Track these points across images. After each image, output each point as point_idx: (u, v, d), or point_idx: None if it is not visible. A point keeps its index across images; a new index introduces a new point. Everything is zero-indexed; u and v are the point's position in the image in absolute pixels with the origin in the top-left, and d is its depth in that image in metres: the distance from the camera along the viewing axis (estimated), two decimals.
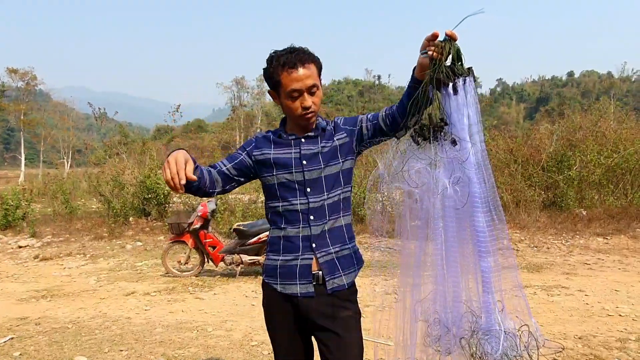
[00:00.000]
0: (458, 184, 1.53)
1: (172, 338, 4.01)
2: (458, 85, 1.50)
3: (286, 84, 1.67)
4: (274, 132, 1.86)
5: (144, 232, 9.66)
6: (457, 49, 1.50)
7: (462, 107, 1.51)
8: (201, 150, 27.97)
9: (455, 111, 1.52)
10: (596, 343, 3.68)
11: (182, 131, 56.69)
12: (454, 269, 1.58)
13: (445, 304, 1.60)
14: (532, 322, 1.50)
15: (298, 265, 1.74)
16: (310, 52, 1.71)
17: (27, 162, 41.16)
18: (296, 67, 1.65)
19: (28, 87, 41.13)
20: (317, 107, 1.72)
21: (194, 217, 6.26)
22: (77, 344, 3.90)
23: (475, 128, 1.52)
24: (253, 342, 3.88)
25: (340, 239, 1.78)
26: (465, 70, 1.51)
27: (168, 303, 5.13)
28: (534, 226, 8.60)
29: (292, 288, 1.75)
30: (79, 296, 5.52)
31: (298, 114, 1.70)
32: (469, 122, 1.52)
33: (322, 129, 1.80)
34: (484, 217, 1.50)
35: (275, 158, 1.77)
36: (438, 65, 1.49)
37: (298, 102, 1.68)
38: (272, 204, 1.81)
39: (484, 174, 1.51)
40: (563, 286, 5.37)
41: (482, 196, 1.50)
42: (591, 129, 10.95)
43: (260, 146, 1.81)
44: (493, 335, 1.44)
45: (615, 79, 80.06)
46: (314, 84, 1.68)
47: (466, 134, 1.50)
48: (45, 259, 7.93)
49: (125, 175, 11.18)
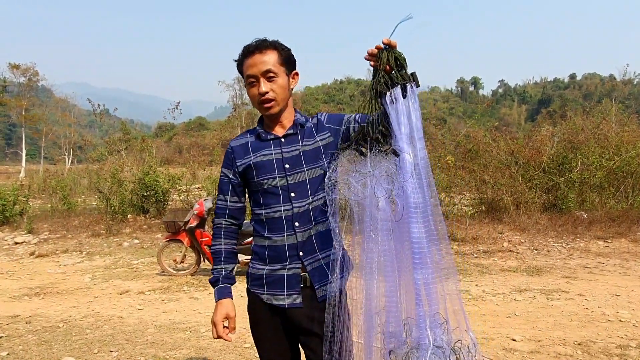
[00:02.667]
0: (392, 196, 1.46)
1: (164, 339, 3.95)
2: (394, 94, 1.46)
3: (244, 71, 1.66)
4: (251, 131, 1.80)
5: (141, 230, 9.60)
6: (396, 56, 1.46)
7: (400, 115, 1.46)
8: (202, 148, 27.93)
9: (394, 120, 1.47)
10: (596, 349, 3.60)
11: (183, 129, 56.75)
12: (390, 283, 1.48)
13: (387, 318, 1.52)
14: (469, 335, 1.44)
15: (285, 275, 1.68)
16: (274, 42, 1.67)
17: (28, 158, 41.11)
18: (253, 53, 1.64)
19: (30, 83, 41.07)
20: (277, 95, 1.66)
21: (190, 215, 6.20)
22: (66, 344, 3.84)
23: (417, 135, 1.47)
24: (246, 344, 3.81)
25: (328, 243, 1.70)
26: (408, 77, 1.47)
27: (162, 302, 5.07)
28: (534, 228, 8.53)
29: (279, 299, 1.70)
30: (73, 294, 5.46)
31: (257, 101, 1.67)
32: (409, 130, 1.47)
33: (300, 124, 1.74)
34: (420, 228, 1.42)
35: (255, 162, 1.71)
36: (377, 75, 1.48)
37: (255, 89, 1.65)
38: (255, 211, 1.76)
39: (423, 183, 1.45)
40: (563, 290, 5.29)
41: (418, 206, 1.43)
42: (593, 131, 10.88)
43: (239, 156, 1.75)
44: (422, 349, 1.37)
45: (617, 82, 79.82)
46: (269, 69, 1.63)
47: (404, 143, 1.45)
48: (41, 255, 7.87)
49: (124, 172, 11.13)
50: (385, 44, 1.45)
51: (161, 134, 53.39)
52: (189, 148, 27.64)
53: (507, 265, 6.59)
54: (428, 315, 1.41)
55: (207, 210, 6.24)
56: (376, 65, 1.47)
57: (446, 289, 1.47)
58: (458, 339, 1.42)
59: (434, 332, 1.40)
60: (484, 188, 10.05)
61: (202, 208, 6.18)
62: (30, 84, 41.26)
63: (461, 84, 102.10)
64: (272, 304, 1.71)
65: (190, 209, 6.48)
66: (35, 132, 44.63)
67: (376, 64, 1.47)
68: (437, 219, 1.47)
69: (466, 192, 10.56)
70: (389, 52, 1.46)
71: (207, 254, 6.18)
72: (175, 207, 10.40)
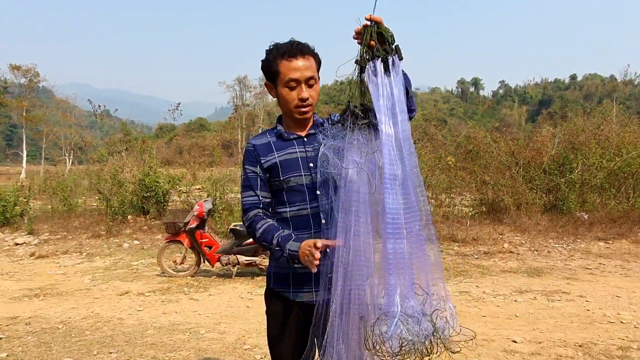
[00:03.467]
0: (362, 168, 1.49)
1: (163, 340, 3.94)
2: (374, 67, 1.47)
3: (284, 73, 1.64)
4: (270, 131, 1.81)
5: (141, 231, 9.59)
6: (381, 31, 1.47)
7: (381, 87, 1.46)
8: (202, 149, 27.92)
9: (374, 94, 1.47)
10: (597, 351, 3.59)
11: (184, 129, 56.78)
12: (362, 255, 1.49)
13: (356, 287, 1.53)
14: (448, 306, 1.44)
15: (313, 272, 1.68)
16: (310, 46, 1.69)
17: (29, 159, 41.14)
18: (296, 57, 1.64)
19: (31, 84, 41.10)
20: (314, 100, 1.69)
21: (190, 216, 6.19)
22: (65, 345, 3.83)
23: (399, 107, 1.47)
24: (246, 345, 3.81)
25: None
26: (391, 49, 1.48)
27: (162, 304, 5.06)
28: (534, 229, 8.51)
29: (306, 296, 1.70)
30: (72, 295, 5.45)
31: (294, 105, 1.67)
32: (392, 101, 1.47)
33: (320, 124, 1.77)
34: (397, 199, 1.42)
35: (281, 161, 1.72)
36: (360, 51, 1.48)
37: (295, 92, 1.66)
38: (278, 210, 1.76)
39: (404, 155, 1.45)
40: (564, 291, 5.28)
41: (397, 178, 1.43)
42: (593, 132, 10.85)
43: (263, 154, 1.75)
44: (390, 316, 1.36)
45: (618, 83, 79.67)
46: (312, 75, 1.65)
47: (382, 115, 1.45)
48: (42, 256, 7.86)
49: (124, 173, 11.11)
50: (368, 20, 1.47)
51: (162, 135, 53.36)
52: (189, 149, 27.65)
53: (507, 266, 6.57)
54: (399, 284, 1.40)
55: (207, 211, 6.23)
56: (360, 42, 1.49)
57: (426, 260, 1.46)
58: (436, 308, 1.41)
59: (406, 301, 1.39)
60: (485, 189, 10.03)
61: (202, 209, 6.17)
62: (31, 85, 41.29)
63: (462, 85, 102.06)
64: (299, 302, 1.72)
65: (191, 210, 6.48)
66: (36, 133, 44.65)
67: (360, 40, 1.49)
68: (418, 191, 1.47)
69: (467, 193, 10.55)
70: (373, 27, 1.46)
71: (207, 255, 6.17)
72: (175, 208, 10.39)
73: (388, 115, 1.45)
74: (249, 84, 56.05)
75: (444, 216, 9.45)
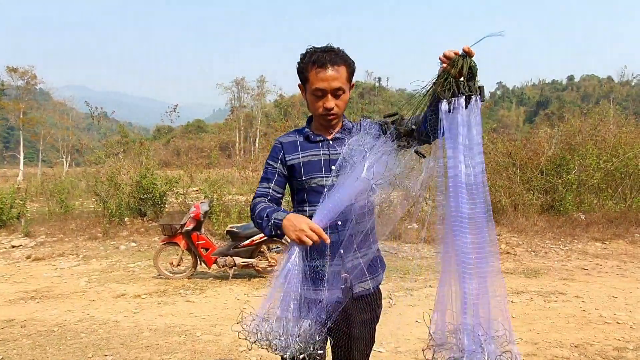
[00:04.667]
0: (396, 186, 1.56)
1: (159, 343, 3.92)
2: (456, 103, 1.42)
3: (312, 82, 1.68)
4: (299, 131, 1.85)
5: (138, 233, 9.57)
6: (471, 65, 1.43)
7: (460, 126, 1.42)
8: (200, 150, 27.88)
9: (449, 129, 1.44)
10: (593, 352, 3.59)
11: (182, 131, 56.70)
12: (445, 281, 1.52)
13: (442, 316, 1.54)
14: (514, 348, 1.41)
15: (327, 271, 1.69)
16: (344, 55, 1.71)
17: (26, 161, 41.06)
18: (325, 67, 1.65)
19: (28, 86, 41.02)
20: (340, 109, 1.73)
21: (186, 218, 6.18)
22: (60, 348, 3.81)
23: (477, 149, 1.43)
24: (242, 347, 3.79)
25: (366, 242, 1.77)
26: (476, 89, 1.44)
27: (158, 306, 5.04)
28: (532, 230, 8.52)
29: (319, 294, 1.70)
30: (68, 298, 5.43)
31: (319, 113, 1.72)
32: (469, 142, 1.43)
33: (348, 130, 1.80)
34: (471, 239, 1.43)
35: (304, 161, 1.77)
36: (444, 79, 1.44)
37: (321, 102, 1.69)
38: (299, 208, 1.80)
39: (480, 196, 1.43)
40: (560, 292, 5.28)
41: (470, 217, 1.43)
42: (591, 132, 10.88)
43: (289, 152, 1.80)
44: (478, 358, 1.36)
45: (615, 83, 80.00)
46: (339, 87, 1.67)
47: (460, 154, 1.42)
48: (38, 259, 7.84)
49: (121, 175, 11.09)
50: (465, 51, 1.42)
51: (160, 136, 53.30)
52: (187, 151, 27.62)
53: (504, 267, 6.57)
54: (477, 325, 1.40)
55: (203, 213, 6.22)
56: (448, 69, 1.44)
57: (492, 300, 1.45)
58: (505, 349, 1.39)
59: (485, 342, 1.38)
60: None
61: (198, 211, 6.16)
62: (28, 87, 41.20)
63: None
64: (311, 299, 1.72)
65: (187, 212, 6.46)
66: (34, 135, 44.56)
67: (448, 68, 1.43)
68: (490, 232, 1.46)
69: None
70: (465, 60, 1.42)
71: (203, 257, 6.16)
72: (172, 210, 10.37)
73: (464, 154, 1.43)
74: (246, 86, 56.09)
75: (442, 218, 9.43)
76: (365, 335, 1.79)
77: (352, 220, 1.70)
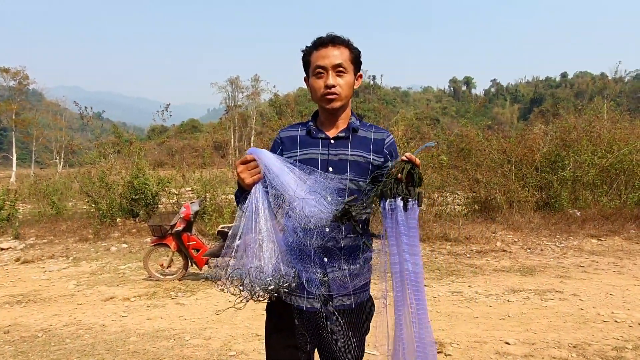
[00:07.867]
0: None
1: (146, 348, 3.81)
2: (394, 204, 1.51)
3: (313, 61, 1.64)
4: (303, 125, 1.76)
5: (130, 234, 9.42)
6: (413, 172, 1.51)
7: (400, 225, 1.51)
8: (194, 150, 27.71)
9: (391, 227, 1.53)
10: (591, 352, 3.50)
11: (176, 131, 56.41)
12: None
13: None
14: None
15: (305, 278, 1.60)
16: (347, 39, 1.67)
17: (19, 162, 40.71)
18: (326, 45, 1.63)
19: (20, 87, 40.72)
20: (343, 90, 1.64)
21: (176, 219, 6.05)
22: (44, 354, 3.69)
23: (414, 250, 1.51)
24: (232, 351, 3.69)
25: (355, 253, 1.66)
26: (414, 194, 1.52)
27: (147, 309, 4.92)
28: (527, 227, 8.45)
29: (298, 301, 1.65)
30: (55, 302, 5.30)
31: (320, 93, 1.64)
32: (409, 241, 1.52)
33: (353, 129, 1.70)
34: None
35: (301, 159, 1.67)
36: (389, 180, 1.53)
37: (322, 80, 1.63)
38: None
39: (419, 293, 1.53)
40: (557, 290, 5.20)
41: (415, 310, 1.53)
42: (585, 129, 10.83)
43: (287, 148, 1.72)
44: None
45: (608, 80, 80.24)
46: (340, 63, 1.62)
47: (405, 253, 1.51)
48: (27, 261, 7.68)
49: (112, 175, 10.94)
50: (407, 158, 1.50)
51: (154, 136, 52.98)
52: (181, 150, 27.43)
53: (500, 265, 6.50)
54: None
55: (193, 213, 6.10)
56: (392, 171, 1.53)
57: None
58: None
59: None
60: (477, 187, 9.97)
61: (188, 211, 6.03)
62: (21, 87, 40.90)
63: (454, 84, 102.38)
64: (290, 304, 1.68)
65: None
66: (26, 136, 44.21)
67: (393, 171, 1.52)
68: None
69: (459, 192, 10.47)
70: (406, 165, 1.52)
71: (194, 258, 6.04)
72: (165, 210, 10.23)
73: (408, 252, 1.51)
74: (241, 85, 55.84)
75: (437, 215, 9.37)
76: (352, 346, 1.69)
77: (342, 231, 1.62)
